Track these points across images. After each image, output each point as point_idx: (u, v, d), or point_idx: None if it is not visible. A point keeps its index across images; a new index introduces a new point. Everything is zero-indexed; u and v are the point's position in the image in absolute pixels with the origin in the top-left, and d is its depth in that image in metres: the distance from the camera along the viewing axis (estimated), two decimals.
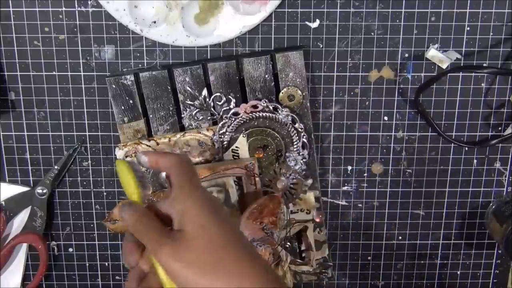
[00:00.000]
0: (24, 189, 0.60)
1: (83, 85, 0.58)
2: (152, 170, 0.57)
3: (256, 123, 0.57)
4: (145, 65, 0.57)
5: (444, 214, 0.63)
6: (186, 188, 0.38)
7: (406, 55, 0.58)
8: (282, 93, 0.56)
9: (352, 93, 0.59)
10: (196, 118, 0.57)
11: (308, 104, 0.57)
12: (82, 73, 0.57)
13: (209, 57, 0.57)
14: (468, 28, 0.57)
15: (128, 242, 0.39)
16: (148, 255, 0.39)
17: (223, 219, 0.38)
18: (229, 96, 0.56)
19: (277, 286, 0.36)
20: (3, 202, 0.60)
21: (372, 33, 0.57)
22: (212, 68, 0.56)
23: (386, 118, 0.59)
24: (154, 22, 0.54)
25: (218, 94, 0.56)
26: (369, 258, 0.64)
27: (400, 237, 0.64)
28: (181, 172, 0.39)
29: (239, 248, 0.37)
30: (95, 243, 0.63)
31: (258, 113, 0.56)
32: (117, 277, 0.64)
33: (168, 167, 0.40)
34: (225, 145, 0.56)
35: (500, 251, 0.64)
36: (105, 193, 0.61)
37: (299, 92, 0.56)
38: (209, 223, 0.37)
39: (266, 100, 0.56)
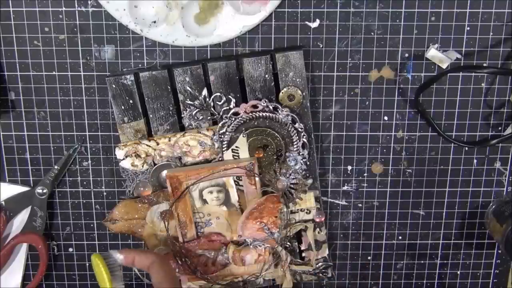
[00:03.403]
0: (24, 189, 0.60)
1: (83, 85, 0.58)
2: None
3: (256, 123, 0.57)
4: (145, 65, 0.57)
5: (444, 214, 0.63)
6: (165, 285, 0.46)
7: (406, 55, 0.58)
8: (282, 93, 0.56)
9: (352, 93, 0.59)
10: (196, 118, 0.57)
11: (308, 104, 0.57)
12: (82, 73, 0.57)
13: (209, 57, 0.57)
14: (468, 28, 0.57)
15: None
16: None
17: None
18: (229, 96, 0.56)
19: None
20: (3, 202, 0.60)
21: (372, 33, 0.57)
22: (212, 68, 0.56)
23: (386, 118, 0.59)
24: (154, 22, 0.54)
25: (218, 94, 0.56)
26: (369, 258, 0.64)
27: (400, 237, 0.64)
28: (159, 271, 0.47)
29: None
30: (95, 243, 0.63)
31: (258, 113, 0.56)
32: None
33: (146, 266, 0.47)
34: (225, 145, 0.56)
35: (500, 251, 0.64)
36: (105, 193, 0.61)
37: (299, 92, 0.56)
38: None
39: (266, 100, 0.56)
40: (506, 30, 0.57)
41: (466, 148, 0.60)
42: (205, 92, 0.56)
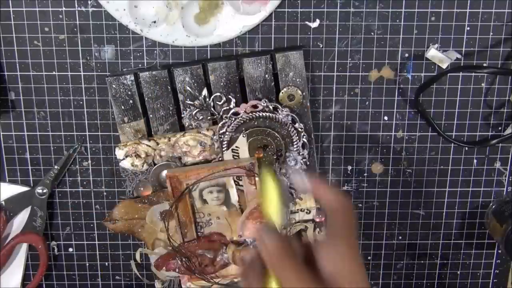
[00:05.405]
0: (24, 189, 0.60)
1: (83, 85, 0.58)
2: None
3: (256, 123, 0.57)
4: (145, 65, 0.57)
5: (444, 214, 0.63)
6: (345, 241, 0.36)
7: (406, 55, 0.58)
8: (282, 93, 0.56)
9: (352, 93, 0.59)
10: (196, 118, 0.57)
11: (308, 104, 0.57)
12: (82, 73, 0.57)
13: (209, 57, 0.57)
14: (468, 28, 0.57)
15: (254, 269, 0.36)
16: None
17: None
18: (229, 96, 0.56)
19: None
20: (3, 202, 0.60)
21: (372, 33, 0.57)
22: (212, 68, 0.56)
23: (386, 118, 0.59)
24: (154, 22, 0.54)
25: (218, 94, 0.56)
26: (369, 258, 0.64)
27: (400, 237, 0.64)
28: (344, 221, 0.36)
29: None
30: (95, 243, 0.63)
31: (258, 113, 0.56)
32: (117, 277, 0.64)
33: (333, 209, 0.37)
34: (225, 145, 0.56)
35: (500, 251, 0.64)
36: (105, 193, 0.61)
37: (299, 92, 0.56)
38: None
39: (266, 100, 0.56)
40: (506, 30, 0.57)
41: (466, 148, 0.60)
42: (205, 92, 0.56)
